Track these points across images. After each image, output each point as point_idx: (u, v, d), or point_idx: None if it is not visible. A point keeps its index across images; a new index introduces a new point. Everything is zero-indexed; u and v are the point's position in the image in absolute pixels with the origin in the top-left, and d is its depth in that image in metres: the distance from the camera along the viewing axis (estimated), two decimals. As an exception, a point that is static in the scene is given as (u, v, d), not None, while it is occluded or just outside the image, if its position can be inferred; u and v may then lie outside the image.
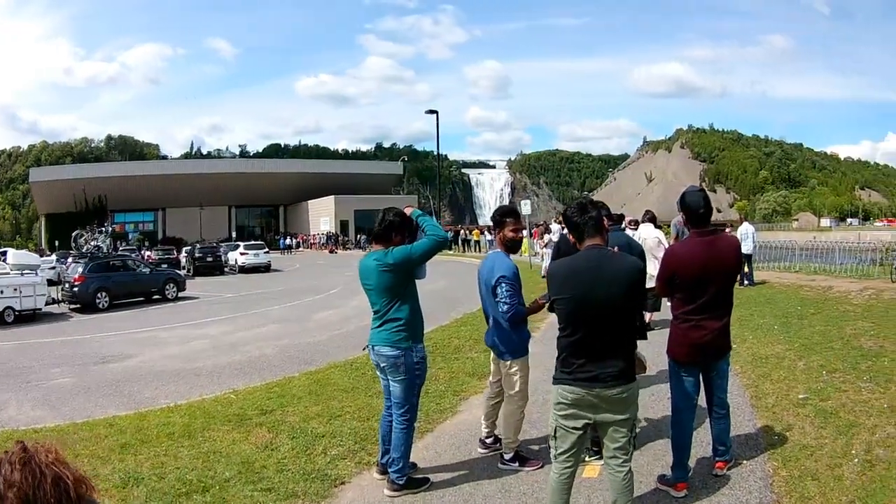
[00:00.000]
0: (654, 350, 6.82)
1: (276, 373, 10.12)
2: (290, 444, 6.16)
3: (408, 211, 5.21)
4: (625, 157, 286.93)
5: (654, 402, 7.09)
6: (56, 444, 1.59)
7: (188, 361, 11.73)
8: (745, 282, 17.20)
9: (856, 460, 5.17)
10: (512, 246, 5.47)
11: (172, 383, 10.01)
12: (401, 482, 5.15)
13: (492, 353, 5.86)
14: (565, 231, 7.64)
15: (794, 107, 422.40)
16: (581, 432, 4.07)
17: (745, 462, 5.37)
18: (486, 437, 6.03)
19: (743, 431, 6.03)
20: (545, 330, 11.39)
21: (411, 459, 5.40)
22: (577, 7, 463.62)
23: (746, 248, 17.07)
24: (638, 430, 4.57)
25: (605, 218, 4.47)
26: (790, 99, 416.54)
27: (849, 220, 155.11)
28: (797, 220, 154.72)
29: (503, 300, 5.08)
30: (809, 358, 8.66)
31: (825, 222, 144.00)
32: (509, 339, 5.42)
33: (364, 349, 5.39)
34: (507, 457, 5.62)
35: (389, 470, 5.19)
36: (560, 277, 4.14)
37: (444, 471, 5.62)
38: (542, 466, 5.42)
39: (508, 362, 5.47)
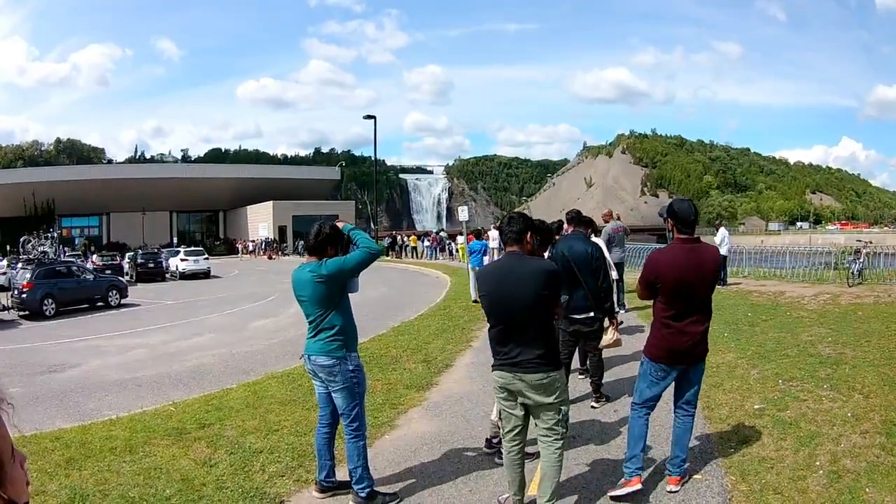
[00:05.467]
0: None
1: (215, 384, 9.98)
2: (229, 461, 6.07)
3: (339, 225, 5.18)
4: (565, 162, 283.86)
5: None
6: None
7: (129, 371, 11.51)
8: (720, 283, 16.98)
9: (821, 472, 4.99)
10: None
11: (114, 394, 9.84)
12: (363, 494, 5.04)
13: None
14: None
15: (741, 113, 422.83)
16: (521, 413, 4.54)
17: (699, 476, 5.18)
18: (493, 437, 5.99)
19: (696, 444, 5.74)
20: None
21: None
22: (520, 12, 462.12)
23: (723, 251, 17.84)
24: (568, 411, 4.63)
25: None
26: (737, 105, 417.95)
27: (799, 223, 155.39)
28: (743, 224, 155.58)
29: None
30: (763, 366, 8.40)
31: (773, 226, 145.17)
32: None
33: (300, 358, 5.33)
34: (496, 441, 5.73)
35: (352, 483, 5.09)
36: (481, 278, 4.82)
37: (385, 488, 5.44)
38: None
39: None
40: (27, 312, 21.48)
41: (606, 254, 8.61)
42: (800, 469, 5.10)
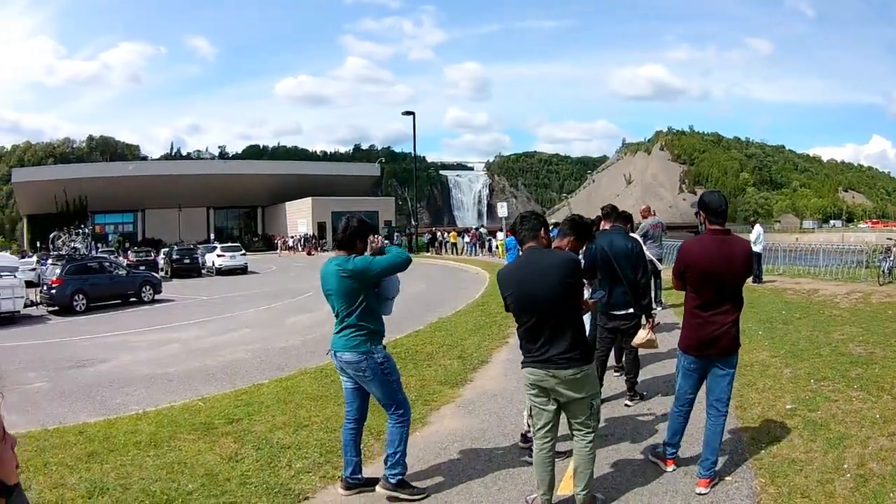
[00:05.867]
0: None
1: (247, 379, 10.00)
2: (255, 456, 6.06)
3: (378, 242, 5.22)
4: (604, 159, 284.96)
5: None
6: None
7: (160, 366, 11.60)
8: (755, 281, 17.59)
9: (848, 475, 4.98)
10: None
11: (143, 389, 9.90)
12: (393, 481, 5.11)
13: None
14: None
15: (773, 110, 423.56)
16: (553, 408, 4.60)
17: (730, 479, 5.17)
18: (528, 431, 5.92)
19: (728, 445, 5.77)
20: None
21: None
22: (556, 9, 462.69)
23: (758, 248, 18.13)
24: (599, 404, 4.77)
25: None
26: (770, 102, 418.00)
27: (832, 221, 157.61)
28: (779, 221, 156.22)
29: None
30: (796, 365, 8.41)
31: (808, 224, 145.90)
32: None
33: (327, 353, 5.36)
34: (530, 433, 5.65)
35: (385, 468, 5.16)
36: (503, 279, 4.78)
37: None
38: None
39: None
40: (56, 308, 21.88)
41: (646, 250, 8.55)
42: (828, 472, 5.11)
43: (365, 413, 5.34)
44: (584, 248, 6.22)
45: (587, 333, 5.05)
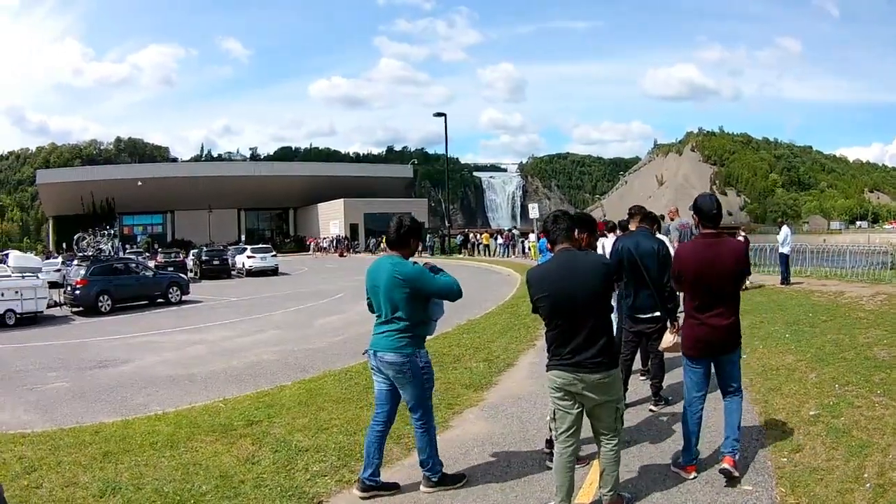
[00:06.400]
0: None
1: (271, 380, 10.08)
2: (272, 458, 6.07)
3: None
4: (636, 160, 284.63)
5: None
6: None
7: (184, 367, 11.73)
8: (783, 282, 18.15)
9: (867, 485, 4.97)
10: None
11: (165, 390, 10.02)
12: (434, 479, 5.28)
13: None
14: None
15: (801, 110, 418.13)
16: (577, 411, 4.64)
17: (750, 488, 5.18)
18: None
19: (751, 452, 5.86)
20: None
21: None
22: (588, 10, 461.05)
23: (785, 249, 19.05)
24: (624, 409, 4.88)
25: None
26: (798, 102, 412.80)
27: (858, 222, 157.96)
28: (807, 222, 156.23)
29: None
30: (821, 370, 8.38)
31: (835, 225, 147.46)
32: None
33: (364, 353, 5.40)
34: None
35: (423, 470, 5.32)
36: (536, 280, 4.77)
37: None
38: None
39: None
40: (81, 309, 22.23)
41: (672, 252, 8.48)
42: (848, 481, 5.08)
43: (393, 417, 5.39)
44: (609, 248, 6.23)
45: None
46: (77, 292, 22.09)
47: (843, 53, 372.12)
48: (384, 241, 61.53)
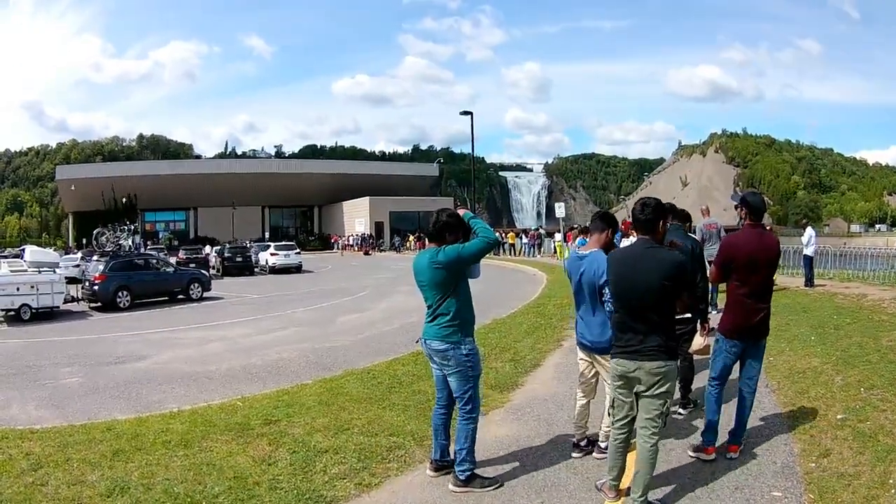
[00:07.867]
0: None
1: (291, 379, 9.94)
2: (289, 459, 5.93)
3: (461, 212, 5.56)
4: (660, 160, 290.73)
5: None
6: None
7: (202, 364, 11.62)
8: (806, 284, 18.14)
9: (893, 491, 4.95)
10: (608, 248, 5.73)
11: (182, 387, 9.91)
12: (462, 477, 5.37)
13: (580, 356, 6.08)
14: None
15: (822, 111, 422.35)
16: (631, 401, 4.86)
17: (779, 494, 5.13)
18: (580, 441, 6.13)
19: (780, 458, 5.86)
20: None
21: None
22: (613, 9, 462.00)
23: (809, 251, 19.04)
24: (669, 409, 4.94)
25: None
26: (820, 103, 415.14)
27: (877, 225, 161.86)
28: (828, 225, 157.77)
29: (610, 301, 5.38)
30: (847, 372, 8.32)
31: (855, 228, 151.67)
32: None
33: (417, 342, 5.72)
34: (602, 445, 5.91)
35: (454, 464, 5.45)
36: (610, 263, 5.08)
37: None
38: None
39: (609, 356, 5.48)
40: (99, 304, 22.30)
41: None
42: (874, 487, 5.09)
43: (455, 399, 5.54)
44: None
45: None
46: (95, 287, 22.14)
47: (862, 54, 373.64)
48: (411, 238, 63.10)
